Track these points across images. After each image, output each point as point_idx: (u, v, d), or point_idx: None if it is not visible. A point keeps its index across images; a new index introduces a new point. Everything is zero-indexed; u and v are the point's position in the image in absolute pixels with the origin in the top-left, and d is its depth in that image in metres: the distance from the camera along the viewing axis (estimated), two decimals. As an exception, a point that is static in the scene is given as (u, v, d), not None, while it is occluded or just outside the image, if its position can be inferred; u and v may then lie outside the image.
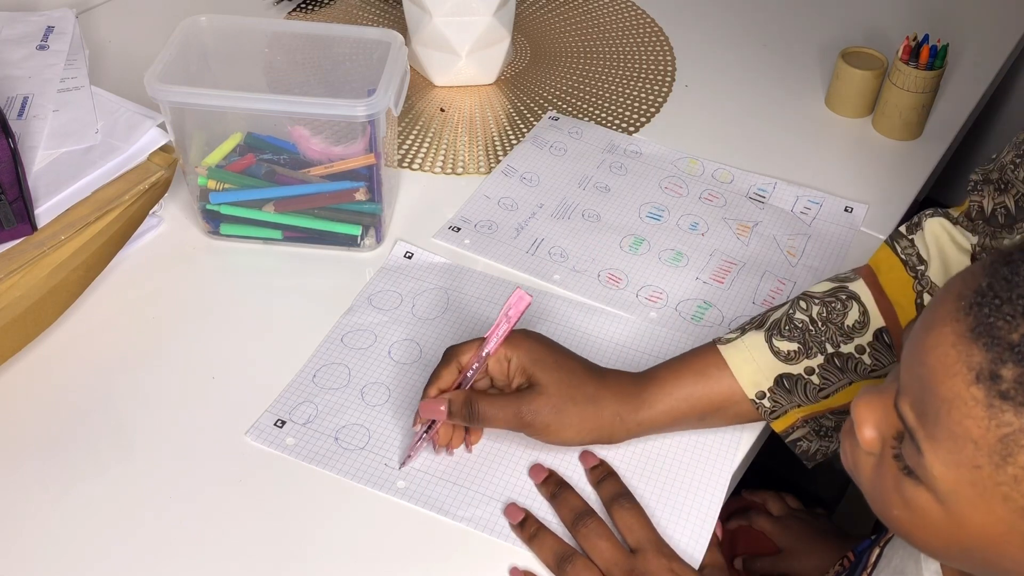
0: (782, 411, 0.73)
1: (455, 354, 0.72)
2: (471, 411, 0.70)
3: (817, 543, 0.91)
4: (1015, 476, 0.45)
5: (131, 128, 0.86)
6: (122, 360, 0.80)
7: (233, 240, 0.91)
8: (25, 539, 0.68)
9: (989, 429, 0.45)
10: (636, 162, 1.02)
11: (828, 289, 0.74)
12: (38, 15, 1.00)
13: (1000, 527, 0.47)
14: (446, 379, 0.72)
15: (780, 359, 0.72)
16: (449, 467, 0.73)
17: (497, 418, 0.70)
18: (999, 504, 0.46)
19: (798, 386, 0.72)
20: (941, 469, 0.47)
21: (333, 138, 0.89)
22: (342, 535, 0.69)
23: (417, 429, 0.72)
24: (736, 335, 0.74)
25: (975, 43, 1.22)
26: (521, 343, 0.72)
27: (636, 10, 1.28)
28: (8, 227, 0.76)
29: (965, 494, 0.47)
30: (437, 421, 0.71)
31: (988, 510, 0.47)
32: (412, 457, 0.73)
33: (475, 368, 0.71)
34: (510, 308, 0.70)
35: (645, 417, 0.72)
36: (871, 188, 1.00)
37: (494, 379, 0.73)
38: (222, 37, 0.91)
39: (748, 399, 0.73)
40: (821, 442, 0.75)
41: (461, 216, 0.95)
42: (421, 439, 0.72)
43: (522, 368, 0.71)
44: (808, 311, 0.73)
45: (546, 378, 0.70)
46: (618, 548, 0.67)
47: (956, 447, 0.46)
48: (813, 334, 0.72)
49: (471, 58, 1.10)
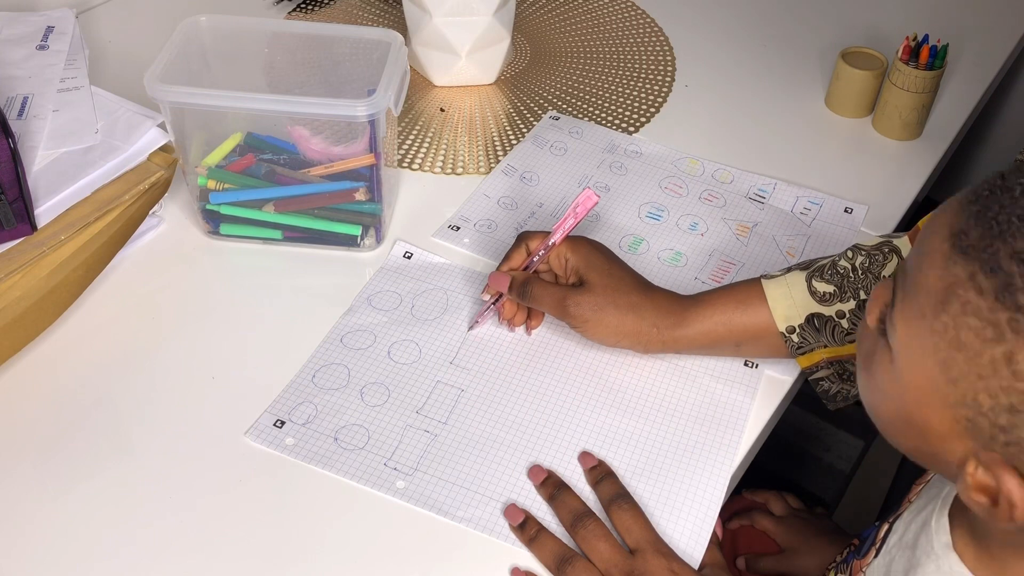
0: (808, 348, 0.76)
1: (525, 239, 0.81)
2: (526, 289, 0.79)
3: (819, 542, 0.91)
4: (945, 325, 0.48)
5: (131, 128, 0.86)
6: (122, 360, 0.80)
7: (233, 240, 0.91)
8: (25, 539, 0.68)
9: (941, 279, 0.48)
10: (636, 162, 1.02)
11: (876, 243, 0.76)
12: (38, 15, 1.00)
13: (927, 383, 0.50)
14: (516, 260, 0.81)
15: (815, 299, 0.75)
16: (449, 467, 0.73)
17: (544, 301, 0.78)
18: (930, 356, 0.49)
19: (827, 327, 0.75)
20: (900, 321, 0.51)
21: (333, 138, 0.89)
22: (342, 535, 0.69)
23: (486, 299, 0.82)
24: (781, 273, 0.78)
25: (975, 43, 1.22)
26: (580, 246, 0.79)
27: (636, 10, 1.28)
28: (8, 227, 0.77)
29: (909, 347, 0.51)
30: (503, 295, 0.80)
31: (921, 363, 0.50)
32: (479, 323, 0.83)
33: (541, 254, 0.79)
34: (578, 205, 0.78)
35: (682, 334, 0.77)
36: (871, 188, 1.00)
37: (555, 274, 0.81)
38: (222, 37, 0.91)
39: (778, 332, 0.76)
40: (843, 384, 0.77)
41: (460, 215, 0.95)
42: (489, 308, 0.81)
43: (576, 268, 0.78)
44: (853, 260, 0.76)
45: (595, 279, 0.77)
46: (617, 549, 0.67)
47: (915, 298, 0.50)
48: (852, 280, 0.75)
49: (471, 58, 1.10)
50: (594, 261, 0.78)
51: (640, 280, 0.79)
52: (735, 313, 0.77)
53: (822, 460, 1.30)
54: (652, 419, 0.77)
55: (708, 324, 0.77)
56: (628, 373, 0.80)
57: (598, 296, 0.76)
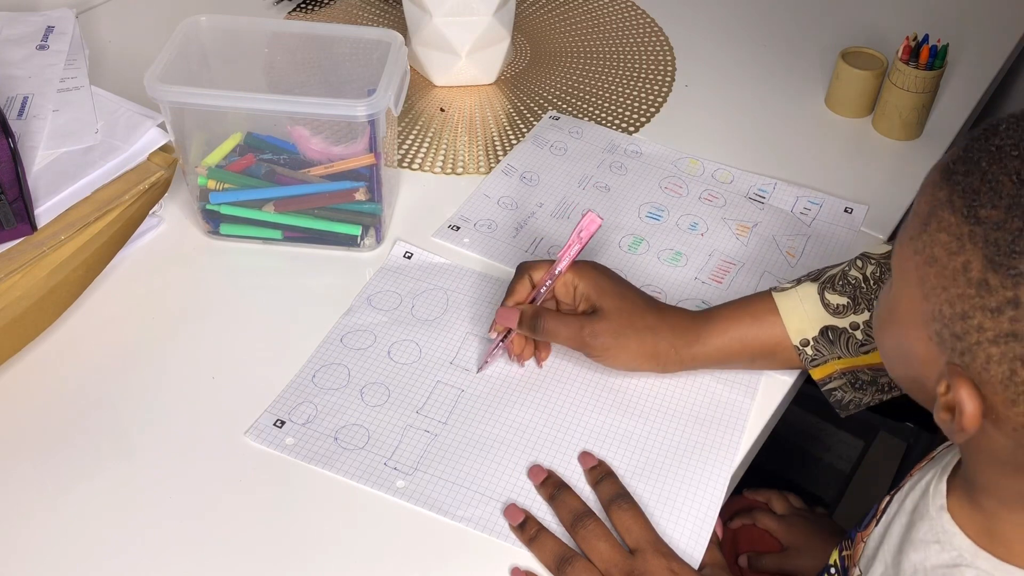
0: (822, 360, 0.76)
1: (527, 270, 0.78)
2: (537, 324, 0.76)
3: (821, 541, 0.91)
4: (924, 243, 0.51)
5: (131, 128, 0.86)
6: (122, 360, 0.80)
7: (233, 240, 0.91)
8: (25, 539, 0.68)
9: (927, 203, 0.52)
10: (636, 162, 1.02)
11: (886, 252, 0.76)
12: (38, 15, 1.00)
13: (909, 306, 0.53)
14: (520, 293, 0.78)
15: (829, 311, 0.75)
16: (449, 467, 0.73)
17: (560, 334, 0.76)
18: (912, 274, 0.53)
19: (841, 339, 0.75)
20: (897, 250, 0.55)
21: (333, 138, 0.89)
22: (341, 535, 0.69)
23: (493, 336, 0.78)
24: (792, 285, 0.78)
25: (975, 43, 1.22)
26: (588, 272, 0.77)
27: (636, 10, 1.28)
28: (8, 227, 0.77)
29: (900, 269, 0.55)
30: (512, 330, 0.77)
31: (906, 284, 0.54)
32: (488, 363, 0.80)
33: (547, 285, 0.77)
34: (581, 229, 0.75)
35: (699, 352, 0.77)
36: (871, 188, 1.00)
37: (561, 303, 0.79)
38: (222, 37, 0.91)
39: (792, 346, 0.76)
40: (855, 393, 0.77)
41: (460, 215, 0.95)
42: (497, 346, 0.78)
43: (587, 295, 0.77)
44: (863, 270, 0.76)
45: (609, 305, 0.75)
46: (617, 549, 0.67)
47: (909, 225, 0.54)
48: (864, 291, 0.75)
49: (471, 58, 1.10)
50: (604, 286, 0.76)
51: (652, 300, 0.78)
52: (749, 328, 0.77)
53: (822, 460, 1.30)
54: (652, 419, 0.77)
55: (723, 340, 0.77)
56: (628, 373, 0.80)
57: (615, 322, 0.75)
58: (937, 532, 0.59)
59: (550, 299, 0.79)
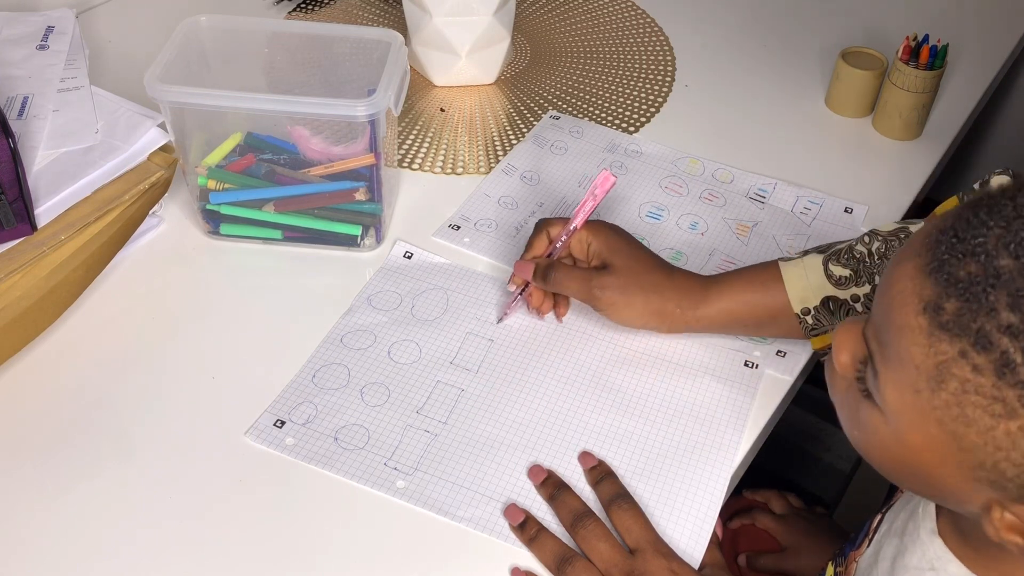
0: (822, 330, 0.77)
1: (545, 226, 0.81)
2: (549, 275, 0.79)
3: (820, 541, 0.91)
4: (947, 402, 0.47)
5: (131, 128, 0.86)
6: (122, 360, 0.80)
7: (233, 240, 0.91)
8: (25, 539, 0.68)
9: (928, 356, 0.47)
10: (636, 161, 1.02)
11: (893, 229, 0.77)
12: (38, 15, 1.00)
13: (936, 449, 0.49)
14: (538, 247, 0.81)
15: (831, 282, 0.76)
16: (449, 467, 0.73)
17: (570, 286, 0.79)
18: (934, 427, 0.49)
19: (841, 310, 0.76)
20: (890, 391, 0.50)
21: (333, 138, 0.89)
22: (342, 535, 0.69)
23: (512, 289, 0.82)
24: (798, 255, 0.79)
25: (975, 43, 1.22)
26: (601, 230, 0.80)
27: (636, 10, 1.28)
28: (8, 227, 0.77)
29: (907, 416, 0.50)
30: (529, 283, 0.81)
31: (926, 432, 0.49)
32: (508, 314, 0.83)
33: (563, 240, 0.80)
34: (596, 187, 0.78)
35: (703, 314, 0.79)
36: (871, 188, 1.00)
37: (577, 260, 0.82)
38: (222, 37, 0.91)
39: (794, 313, 0.77)
40: None
41: (461, 214, 0.95)
42: (516, 299, 0.82)
43: (599, 252, 0.79)
44: (869, 245, 0.76)
45: (619, 262, 0.78)
46: (617, 549, 0.67)
47: (902, 371, 0.49)
48: (867, 265, 0.76)
49: (471, 58, 1.10)
50: (616, 244, 0.79)
51: (662, 261, 0.80)
52: (754, 294, 0.78)
53: (822, 460, 1.29)
54: (652, 419, 0.77)
55: (728, 304, 0.78)
56: (628, 373, 0.80)
57: (623, 278, 0.77)
58: (931, 559, 0.59)
59: (566, 255, 0.82)
